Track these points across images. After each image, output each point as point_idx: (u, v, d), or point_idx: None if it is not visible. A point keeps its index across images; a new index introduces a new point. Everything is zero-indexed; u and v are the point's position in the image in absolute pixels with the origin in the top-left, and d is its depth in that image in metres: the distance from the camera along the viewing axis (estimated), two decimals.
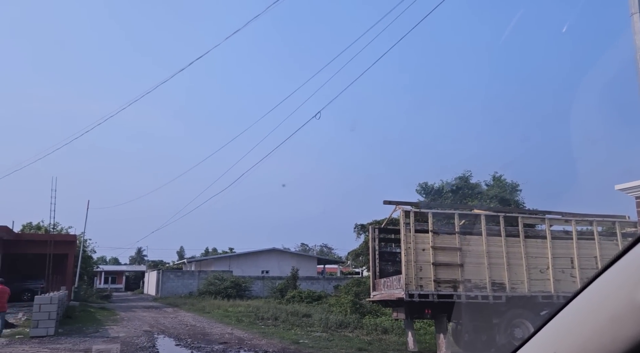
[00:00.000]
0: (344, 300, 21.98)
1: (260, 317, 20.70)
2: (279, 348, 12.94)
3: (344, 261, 49.84)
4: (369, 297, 15.43)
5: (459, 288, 12.02)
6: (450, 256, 12.27)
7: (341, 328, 17.20)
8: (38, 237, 32.87)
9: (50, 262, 26.59)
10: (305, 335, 15.60)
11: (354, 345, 13.58)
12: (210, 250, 69.84)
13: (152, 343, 13.46)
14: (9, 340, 13.48)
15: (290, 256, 46.14)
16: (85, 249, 36.51)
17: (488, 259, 12.26)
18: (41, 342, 13.13)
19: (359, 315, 19.72)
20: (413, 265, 11.98)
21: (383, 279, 14.02)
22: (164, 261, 68.07)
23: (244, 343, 13.79)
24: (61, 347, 12.54)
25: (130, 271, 70.94)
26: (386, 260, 15.10)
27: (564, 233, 13.26)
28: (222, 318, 20.91)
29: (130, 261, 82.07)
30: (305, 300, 27.80)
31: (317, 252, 68.96)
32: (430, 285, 11.96)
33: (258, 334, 15.67)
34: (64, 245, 30.41)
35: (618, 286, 0.77)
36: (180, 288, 38.58)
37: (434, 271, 12.02)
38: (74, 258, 31.97)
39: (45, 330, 14.32)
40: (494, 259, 12.32)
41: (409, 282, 11.89)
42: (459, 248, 12.32)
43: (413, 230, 12.23)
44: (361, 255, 33.43)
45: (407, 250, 12.09)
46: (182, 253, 76.82)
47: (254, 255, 45.05)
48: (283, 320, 19.48)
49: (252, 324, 18.77)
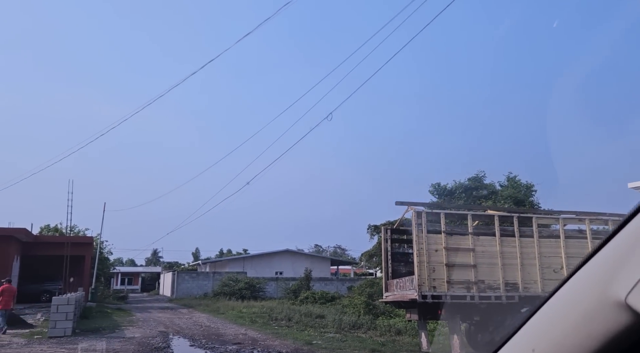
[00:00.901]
0: (358, 301, 21.97)
1: (273, 318, 20.79)
2: (292, 348, 12.99)
3: (358, 262, 49.77)
4: (382, 298, 15.42)
5: (472, 289, 11.95)
6: (464, 257, 12.21)
7: (354, 329, 17.20)
8: (56, 239, 33.41)
9: (67, 264, 27.00)
10: (319, 335, 15.63)
11: (367, 346, 13.58)
12: (225, 252, 70.27)
13: (167, 344, 13.62)
14: (27, 340, 13.74)
15: (303, 257, 46.24)
16: (102, 251, 37.01)
17: (501, 259, 12.18)
18: (59, 342, 13.36)
19: (373, 316, 19.69)
20: (426, 265, 11.95)
21: (396, 280, 14.00)
22: (179, 263, 68.69)
23: (257, 343, 13.86)
24: (78, 347, 12.75)
25: (146, 273, 71.69)
26: (399, 260, 15.08)
27: (578, 232, 13.11)
28: (236, 319, 21.04)
29: (146, 262, 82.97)
30: (318, 301, 27.85)
31: (330, 253, 68.96)
32: (443, 286, 11.91)
33: (271, 335, 15.75)
34: (81, 247, 30.89)
35: (590, 284, 0.79)
36: (195, 289, 38.90)
37: (446, 272, 11.98)
38: (90, 259, 32.45)
39: (63, 330, 14.56)
40: (507, 259, 12.23)
41: (421, 283, 11.86)
42: (472, 248, 12.25)
43: (425, 230, 12.20)
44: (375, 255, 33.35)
45: (419, 251, 12.06)
46: (198, 254, 77.43)
47: (267, 256, 45.25)
48: (296, 321, 19.53)
49: (265, 325, 18.86)
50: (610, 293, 0.75)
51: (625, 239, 0.76)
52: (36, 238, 31.75)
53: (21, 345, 12.82)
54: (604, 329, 0.76)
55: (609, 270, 0.76)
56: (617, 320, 0.74)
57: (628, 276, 0.72)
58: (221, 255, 66.91)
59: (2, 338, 14.13)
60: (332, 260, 51.87)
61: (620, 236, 0.77)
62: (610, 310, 0.75)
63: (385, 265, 14.92)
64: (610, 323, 0.75)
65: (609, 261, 0.77)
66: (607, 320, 0.76)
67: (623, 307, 0.73)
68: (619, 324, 0.74)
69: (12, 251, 28.46)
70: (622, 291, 0.73)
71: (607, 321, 0.75)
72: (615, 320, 0.75)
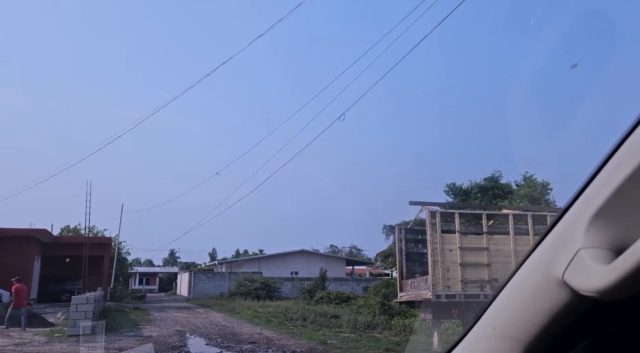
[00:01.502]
0: (373, 301, 21.96)
1: (289, 318, 20.90)
2: (306, 348, 13.07)
3: (373, 263, 49.71)
4: (397, 298, 15.43)
5: (486, 288, 11.91)
6: (478, 256, 12.17)
7: (369, 329, 17.22)
8: (75, 240, 34.03)
9: (86, 264, 27.49)
10: (334, 335, 15.68)
11: (382, 345, 13.59)
12: (241, 252, 70.73)
13: (184, 343, 13.80)
14: (48, 338, 14.06)
15: (319, 257, 46.34)
16: (120, 251, 37.57)
17: (515, 258, 12.11)
18: (78, 341, 13.63)
19: (388, 316, 19.68)
20: (440, 265, 11.94)
21: (410, 280, 14.00)
22: (195, 263, 69.31)
23: (272, 343, 13.97)
24: (97, 345, 13.01)
25: (164, 273, 72.52)
26: (413, 260, 15.07)
27: None
28: (252, 319, 21.20)
29: (163, 263, 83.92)
30: (333, 301, 27.89)
31: (346, 253, 68.97)
32: (457, 286, 11.89)
33: (286, 334, 15.85)
34: (99, 247, 31.45)
35: (538, 265, 0.87)
36: (212, 289, 39.26)
37: (461, 272, 11.95)
38: (109, 260, 32.99)
39: (82, 329, 14.84)
40: (521, 258, 12.14)
41: (436, 283, 11.86)
42: (487, 248, 12.21)
43: (439, 230, 12.19)
44: (390, 256, 33.34)
45: (433, 251, 12.06)
46: (215, 254, 78.03)
47: (283, 257, 45.45)
48: (312, 321, 19.61)
49: (281, 325, 18.98)
50: (552, 273, 0.81)
51: (565, 223, 0.83)
52: (56, 239, 32.38)
53: (42, 343, 13.13)
54: (548, 305, 0.83)
55: (552, 252, 0.83)
56: (558, 296, 0.81)
57: (565, 255, 0.79)
58: (237, 255, 67.36)
59: (23, 336, 14.49)
60: (347, 260, 51.87)
61: (562, 221, 0.84)
62: (552, 288, 0.82)
63: (399, 265, 14.92)
64: (553, 299, 0.82)
65: (553, 244, 0.84)
66: (550, 297, 0.82)
67: (562, 284, 0.79)
68: (560, 300, 0.81)
69: (33, 251, 29.11)
70: (560, 269, 0.79)
71: (550, 298, 0.82)
72: (556, 297, 0.81)
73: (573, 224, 0.80)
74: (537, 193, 26.44)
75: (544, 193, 27.13)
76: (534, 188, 27.08)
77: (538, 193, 26.51)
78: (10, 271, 25.66)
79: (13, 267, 25.98)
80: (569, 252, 0.78)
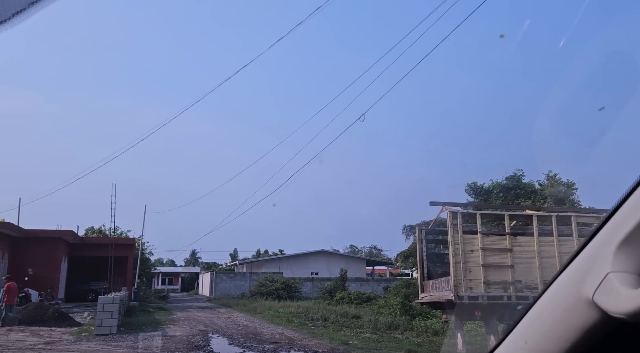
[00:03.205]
0: (394, 302, 21.88)
1: (310, 318, 20.97)
2: (328, 348, 13.12)
3: (393, 263, 49.48)
4: (418, 299, 15.37)
5: (509, 289, 11.79)
6: (501, 258, 12.06)
7: (391, 330, 17.18)
8: (100, 240, 34.77)
9: (111, 264, 28.03)
10: (355, 336, 15.70)
11: (403, 346, 13.56)
12: (262, 252, 71.16)
13: (207, 342, 14.00)
14: (76, 337, 14.41)
15: (339, 257, 46.34)
16: (143, 251, 38.22)
17: (539, 259, 11.96)
18: (105, 340, 13.94)
19: (409, 316, 19.59)
20: (462, 266, 11.87)
21: (431, 281, 13.93)
22: (217, 263, 70.00)
23: (294, 343, 14.07)
24: (123, 344, 13.29)
25: (186, 273, 73.40)
26: (434, 261, 14.99)
27: None
28: (273, 319, 21.34)
29: (185, 263, 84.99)
30: (354, 301, 27.89)
31: (366, 254, 68.79)
32: (480, 287, 11.80)
33: (308, 334, 15.92)
34: (123, 248, 32.03)
35: (569, 284, 0.91)
36: (233, 289, 39.61)
37: (483, 273, 11.86)
38: (133, 260, 33.59)
39: (109, 329, 15.17)
40: (545, 259, 12.00)
41: (457, 284, 11.79)
42: (510, 249, 12.08)
43: (461, 231, 12.11)
44: (410, 256, 33.14)
45: (455, 252, 11.99)
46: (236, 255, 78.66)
47: (303, 257, 45.59)
48: (332, 321, 19.66)
49: (302, 325, 19.07)
50: (582, 292, 0.86)
51: (594, 246, 0.88)
52: (82, 240, 33.12)
53: (71, 342, 13.47)
54: (579, 323, 0.87)
55: (582, 273, 0.88)
56: (588, 316, 0.86)
57: (595, 277, 0.84)
58: (258, 255, 67.79)
59: (52, 334, 14.87)
60: (367, 260, 51.75)
61: (592, 243, 0.88)
62: (582, 308, 0.86)
63: (420, 265, 14.86)
64: (583, 319, 0.87)
65: (583, 265, 0.89)
66: (580, 316, 0.87)
67: (591, 305, 0.84)
68: (590, 319, 0.86)
69: (60, 252, 29.82)
70: (590, 290, 0.84)
71: (581, 317, 0.87)
72: (586, 316, 0.86)
73: (602, 247, 0.84)
74: (562, 193, 25.97)
75: (569, 192, 26.64)
76: (557, 188, 26.62)
77: (563, 193, 26.04)
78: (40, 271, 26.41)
79: (42, 267, 26.70)
80: (599, 274, 0.83)
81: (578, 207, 23.91)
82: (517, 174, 28.85)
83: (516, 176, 28.79)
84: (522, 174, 28.85)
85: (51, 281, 26.83)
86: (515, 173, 28.88)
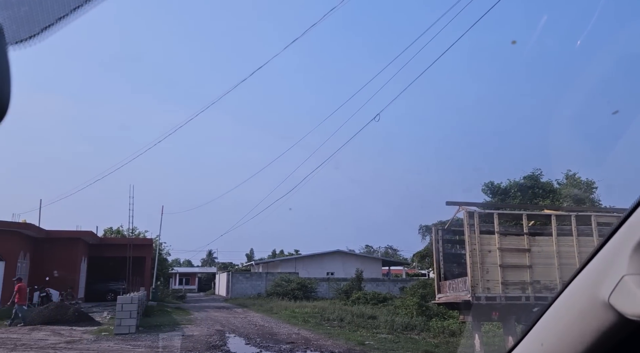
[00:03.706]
0: (410, 302, 21.78)
1: (326, 318, 20.99)
2: (344, 349, 13.12)
3: (409, 263, 49.23)
4: (435, 299, 15.27)
5: (527, 290, 11.65)
6: (519, 258, 11.92)
7: (407, 331, 17.10)
8: (118, 241, 35.23)
9: (130, 264, 28.39)
10: (371, 336, 15.67)
11: (420, 347, 13.50)
12: (277, 252, 71.41)
13: (224, 342, 14.10)
14: (96, 337, 14.63)
15: (354, 258, 46.26)
16: (161, 252, 38.63)
17: (558, 259, 11.79)
18: (124, 339, 14.14)
19: (426, 317, 19.48)
20: (479, 267, 11.76)
21: (448, 281, 13.83)
22: (233, 263, 70.43)
23: (310, 343, 14.09)
24: (142, 343, 13.46)
25: (202, 273, 73.97)
26: (451, 261, 14.87)
27: None
28: (289, 319, 21.40)
29: (201, 263, 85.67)
30: (370, 302, 27.82)
31: (381, 254, 68.57)
32: (498, 287, 11.68)
33: (324, 335, 15.93)
34: (141, 249, 32.43)
35: (585, 287, 0.91)
36: (249, 289, 39.81)
37: (501, 273, 11.73)
38: (151, 260, 33.99)
39: (128, 328, 15.37)
40: (564, 259, 11.83)
41: (475, 284, 11.68)
42: (528, 249, 11.94)
43: (478, 231, 12.01)
44: (427, 256, 32.93)
45: (472, 252, 11.89)
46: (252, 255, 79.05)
47: (318, 257, 45.60)
48: (348, 322, 19.64)
49: (318, 325, 19.08)
50: (598, 295, 0.86)
51: (611, 248, 0.87)
52: (101, 240, 33.61)
53: (91, 341, 13.69)
54: (595, 326, 0.87)
55: (598, 275, 0.88)
56: (604, 318, 0.85)
57: (611, 279, 0.84)
58: (273, 255, 68.03)
59: (73, 334, 15.13)
60: (383, 260, 51.57)
61: (608, 245, 0.88)
62: (598, 310, 0.86)
63: (437, 266, 14.76)
64: (599, 321, 0.86)
65: (599, 267, 0.89)
66: (596, 318, 0.87)
67: (608, 307, 0.84)
68: (606, 321, 0.85)
69: (80, 252, 30.31)
70: (606, 292, 0.84)
71: (597, 319, 0.87)
72: (602, 319, 0.86)
73: (618, 250, 0.84)
74: (582, 193, 25.55)
75: (589, 192, 26.20)
76: (577, 187, 26.20)
77: (582, 193, 25.62)
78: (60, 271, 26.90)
79: (62, 267, 27.19)
80: (614, 277, 0.83)
81: (598, 206, 23.51)
82: (535, 173, 28.48)
83: (534, 175, 28.42)
84: (540, 174, 28.49)
85: (71, 282, 27.29)
86: (534, 172, 28.52)
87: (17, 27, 0.84)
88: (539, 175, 28.46)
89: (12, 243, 24.74)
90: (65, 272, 27.10)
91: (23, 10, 0.83)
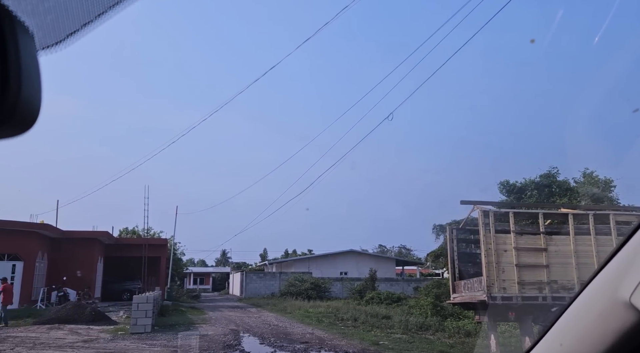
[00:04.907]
0: (424, 302, 21.64)
1: (339, 318, 20.95)
2: (359, 349, 13.07)
3: (423, 263, 48.95)
4: (449, 299, 15.15)
5: (544, 290, 11.49)
6: (536, 257, 11.76)
7: (422, 331, 17.00)
8: (134, 241, 35.60)
9: (145, 264, 28.65)
10: (385, 336, 15.60)
11: (435, 347, 13.40)
12: (290, 252, 71.53)
13: (238, 341, 14.15)
14: (112, 336, 14.79)
15: (368, 257, 46.13)
16: (176, 252, 38.93)
17: (576, 259, 11.61)
18: (140, 338, 14.26)
19: (440, 317, 19.34)
20: (494, 266, 11.63)
21: (463, 281, 13.71)
22: (246, 263, 70.73)
23: (324, 343, 14.07)
24: (157, 343, 13.57)
25: (216, 273, 74.42)
26: (466, 261, 14.74)
27: None
28: (303, 319, 21.41)
29: (215, 263, 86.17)
30: (384, 302, 27.72)
31: (395, 253, 68.28)
32: (514, 287, 11.54)
33: (338, 335, 15.90)
34: (156, 249, 32.74)
35: (605, 287, 0.89)
36: (263, 289, 39.93)
37: (517, 273, 11.59)
38: (165, 260, 34.27)
39: (143, 327, 15.51)
40: (582, 259, 11.64)
41: (490, 284, 11.56)
42: (545, 248, 11.77)
43: (493, 230, 11.87)
44: (441, 256, 32.69)
45: (487, 252, 11.76)
46: (265, 255, 79.32)
47: (332, 257, 45.57)
48: (362, 321, 19.58)
49: (332, 325, 19.06)
50: (619, 295, 0.84)
51: (632, 246, 0.85)
52: (117, 240, 34.00)
53: (107, 340, 13.84)
54: (615, 326, 0.85)
55: (619, 274, 0.86)
56: (625, 318, 0.83)
57: (632, 278, 0.81)
58: (287, 255, 68.16)
59: (90, 333, 15.31)
60: (397, 260, 51.34)
61: (629, 244, 0.86)
62: (619, 310, 0.84)
63: (451, 265, 14.64)
64: (620, 321, 0.84)
65: (620, 266, 0.86)
66: (617, 318, 0.85)
67: (629, 307, 0.81)
68: (627, 322, 0.83)
69: (96, 252, 30.69)
70: (627, 292, 0.81)
71: (617, 320, 0.84)
72: (623, 319, 0.83)
73: (639, 249, 0.82)
74: (600, 191, 25.14)
75: (607, 190, 25.77)
76: (595, 185, 25.78)
77: (600, 191, 25.20)
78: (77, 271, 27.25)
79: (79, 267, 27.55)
80: (636, 276, 0.81)
81: (617, 205, 23.10)
82: (552, 172, 28.10)
83: (551, 174, 28.04)
84: (557, 172, 28.09)
85: (88, 281, 27.65)
86: (550, 170, 28.13)
87: (44, 34, 0.85)
88: (556, 173, 28.08)
89: (30, 243, 25.14)
90: (82, 272, 27.45)
91: (49, 17, 0.84)
